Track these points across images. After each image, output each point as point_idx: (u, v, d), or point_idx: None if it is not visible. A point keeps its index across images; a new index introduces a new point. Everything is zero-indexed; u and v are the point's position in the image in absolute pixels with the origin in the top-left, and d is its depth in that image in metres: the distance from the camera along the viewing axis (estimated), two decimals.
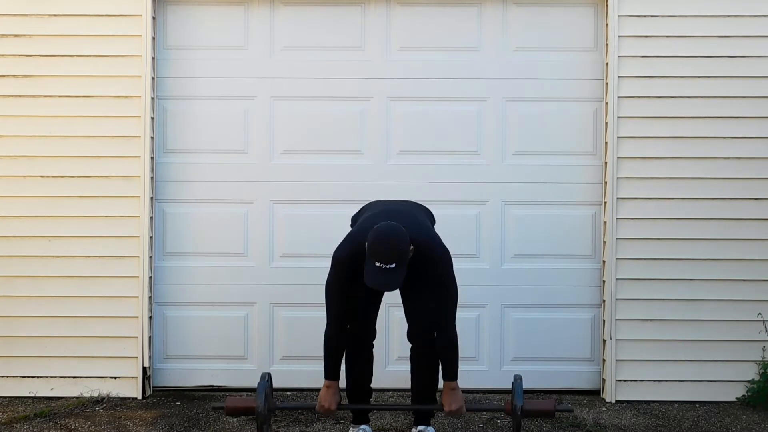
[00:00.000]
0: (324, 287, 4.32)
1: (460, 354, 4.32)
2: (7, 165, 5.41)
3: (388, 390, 5.46)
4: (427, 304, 4.36)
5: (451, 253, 4.33)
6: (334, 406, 4.34)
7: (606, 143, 5.46)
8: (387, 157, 5.56)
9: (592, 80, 5.55)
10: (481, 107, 5.58)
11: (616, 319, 5.43)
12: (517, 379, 4.37)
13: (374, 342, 4.58)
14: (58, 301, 5.41)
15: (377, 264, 4.00)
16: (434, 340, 4.40)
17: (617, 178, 5.41)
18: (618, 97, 5.41)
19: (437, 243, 4.29)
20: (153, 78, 5.46)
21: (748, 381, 5.41)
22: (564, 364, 5.59)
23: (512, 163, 5.57)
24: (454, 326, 4.30)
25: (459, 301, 4.30)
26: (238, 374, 5.57)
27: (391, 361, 5.52)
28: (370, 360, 4.58)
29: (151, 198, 5.47)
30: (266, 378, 4.36)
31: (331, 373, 4.34)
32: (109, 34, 5.40)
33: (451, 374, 4.30)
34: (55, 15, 5.41)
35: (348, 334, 4.39)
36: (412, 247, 4.10)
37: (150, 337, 5.47)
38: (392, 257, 4.00)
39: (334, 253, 4.30)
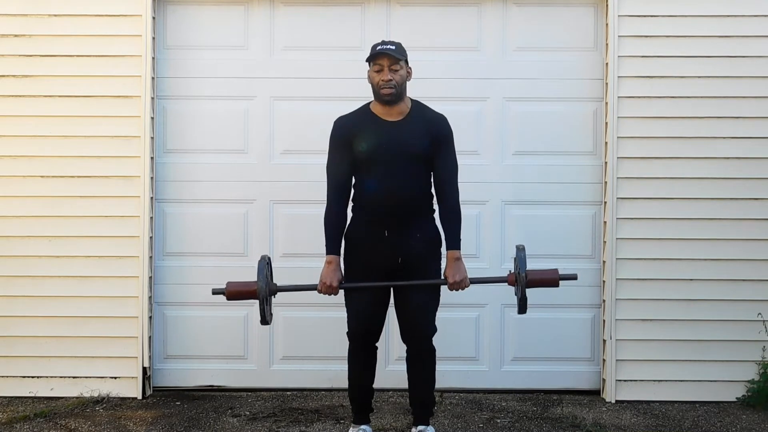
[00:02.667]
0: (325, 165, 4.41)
1: (461, 354, 4.33)
2: (7, 165, 5.41)
3: (388, 390, 5.47)
4: (423, 292, 4.35)
5: None
6: (335, 282, 4.33)
7: (606, 143, 5.47)
8: None
9: (592, 80, 5.55)
10: (481, 107, 5.58)
11: (616, 319, 5.44)
12: (520, 249, 4.35)
13: (376, 344, 4.56)
14: (58, 301, 5.41)
15: (378, 46, 4.31)
16: (429, 340, 4.40)
17: (617, 178, 5.42)
18: (618, 97, 5.41)
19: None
20: (153, 78, 5.46)
21: (748, 381, 5.41)
22: (564, 364, 5.59)
23: (512, 163, 5.57)
24: (457, 194, 4.37)
25: (459, 301, 4.30)
26: (238, 374, 5.57)
27: (391, 361, 5.52)
28: (373, 361, 4.56)
29: (151, 198, 5.47)
30: (266, 260, 4.34)
31: (331, 247, 4.35)
32: (109, 34, 5.40)
33: (455, 242, 4.34)
34: (55, 15, 5.41)
35: (346, 201, 4.40)
36: (411, 69, 4.40)
37: (150, 337, 5.48)
38: (391, 42, 4.35)
39: (335, 120, 4.43)
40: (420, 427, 4.57)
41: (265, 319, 4.34)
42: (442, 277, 4.38)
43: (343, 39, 5.58)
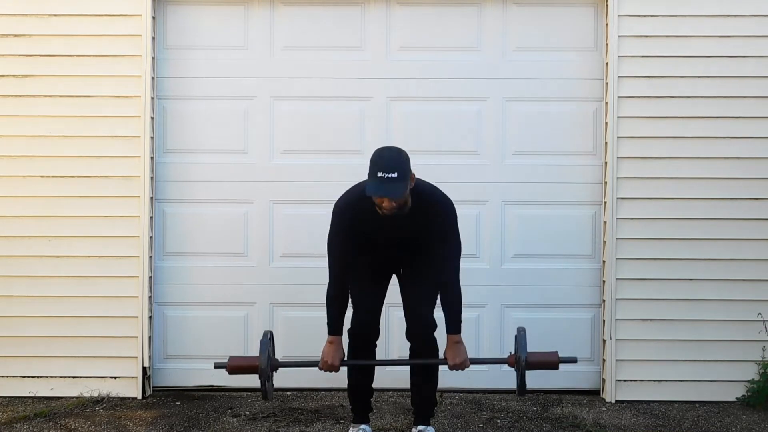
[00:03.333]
0: (326, 242, 4.32)
1: None
2: (7, 165, 5.41)
3: (388, 390, 5.46)
4: (426, 288, 4.36)
5: None
6: (337, 362, 4.33)
7: (606, 143, 5.47)
8: None
9: (592, 80, 5.55)
10: (481, 107, 5.58)
11: (616, 319, 5.43)
12: (521, 331, 4.34)
13: (377, 342, 4.56)
14: (58, 301, 5.41)
15: (379, 174, 4.01)
16: (434, 338, 4.42)
17: (617, 178, 5.41)
18: (618, 97, 5.41)
19: (440, 192, 4.31)
20: (153, 78, 5.46)
21: (748, 381, 5.41)
22: (564, 364, 5.58)
23: (512, 163, 5.57)
24: (458, 279, 4.31)
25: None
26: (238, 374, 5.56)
27: None
28: (373, 359, 4.56)
29: (151, 198, 5.47)
30: (268, 336, 4.35)
31: (333, 328, 4.33)
32: (109, 34, 5.40)
33: (455, 327, 4.30)
34: (55, 15, 5.41)
35: (348, 284, 4.35)
36: (414, 173, 4.11)
37: (150, 337, 5.47)
38: (394, 167, 4.01)
39: (335, 203, 4.32)
40: (420, 427, 4.57)
41: (266, 395, 4.34)
42: (442, 357, 4.38)
43: (343, 39, 5.58)
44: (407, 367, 4.61)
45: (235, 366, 4.39)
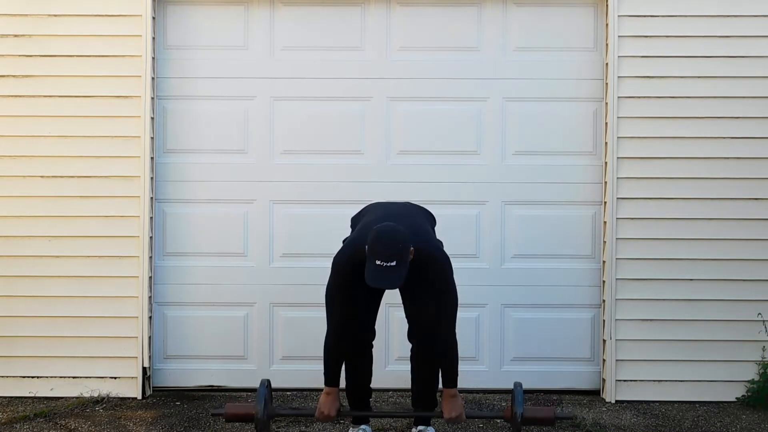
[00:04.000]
0: (324, 293, 4.29)
1: (461, 354, 4.32)
2: (7, 165, 5.41)
3: (388, 390, 5.46)
4: (428, 304, 4.35)
5: (450, 253, 4.33)
6: (333, 413, 4.33)
7: (606, 143, 5.47)
8: (387, 157, 5.56)
9: (592, 80, 5.55)
10: (481, 107, 5.58)
11: (616, 319, 5.43)
12: (518, 386, 4.34)
13: (374, 342, 4.57)
14: (58, 301, 5.41)
15: (378, 263, 3.98)
16: (435, 339, 4.40)
17: (617, 178, 5.41)
18: (618, 97, 5.41)
19: (436, 249, 4.27)
20: (153, 78, 5.46)
21: (748, 381, 5.41)
22: (564, 364, 5.59)
23: (512, 163, 5.57)
24: (454, 333, 4.28)
25: (459, 301, 4.29)
26: (238, 374, 5.57)
27: (391, 361, 5.52)
28: (370, 360, 4.57)
29: (151, 198, 5.47)
30: (266, 384, 4.36)
31: (331, 380, 4.32)
32: (109, 34, 5.40)
33: (451, 381, 4.29)
34: (55, 15, 5.41)
35: (348, 337, 4.36)
36: (412, 248, 4.09)
37: (150, 337, 5.47)
38: (392, 255, 3.98)
39: (334, 258, 4.29)
40: (420, 427, 4.57)
41: None
42: (439, 411, 4.39)
43: (343, 39, 5.58)
44: (407, 367, 4.62)
45: (233, 414, 4.40)
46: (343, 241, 4.39)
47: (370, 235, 4.05)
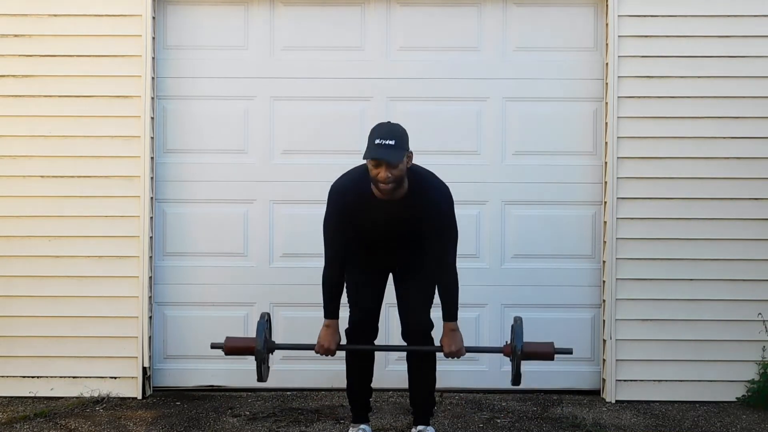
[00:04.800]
0: (322, 226, 4.32)
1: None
2: (7, 165, 5.41)
3: (388, 390, 5.46)
4: (421, 288, 4.37)
5: None
6: (333, 345, 4.33)
7: (606, 143, 5.47)
8: None
9: (592, 80, 5.55)
10: (481, 107, 5.58)
11: (616, 319, 5.43)
12: (517, 320, 4.33)
13: (375, 341, 4.57)
14: (58, 301, 5.41)
15: (377, 141, 4.06)
16: (429, 337, 4.42)
17: (617, 178, 5.41)
18: (618, 97, 5.41)
19: (437, 178, 4.33)
20: (153, 78, 5.46)
21: (748, 381, 5.41)
22: (564, 364, 5.58)
23: (512, 163, 5.57)
24: (455, 267, 4.31)
25: (459, 301, 4.30)
26: (238, 374, 5.56)
27: (391, 361, 5.52)
28: (371, 360, 4.57)
29: (151, 198, 5.47)
30: (265, 318, 4.34)
31: (330, 312, 4.33)
32: (109, 34, 5.40)
33: (451, 315, 4.30)
34: (55, 15, 5.41)
35: (342, 280, 4.35)
36: (411, 152, 4.17)
37: (150, 337, 5.47)
38: (391, 135, 4.09)
39: (331, 185, 4.31)
40: (420, 427, 4.57)
41: (262, 377, 4.35)
42: (438, 344, 4.38)
43: (343, 39, 5.58)
44: (407, 367, 4.60)
45: (232, 347, 4.38)
46: None
47: (372, 128, 4.18)
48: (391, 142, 4.06)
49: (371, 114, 5.55)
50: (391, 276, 4.53)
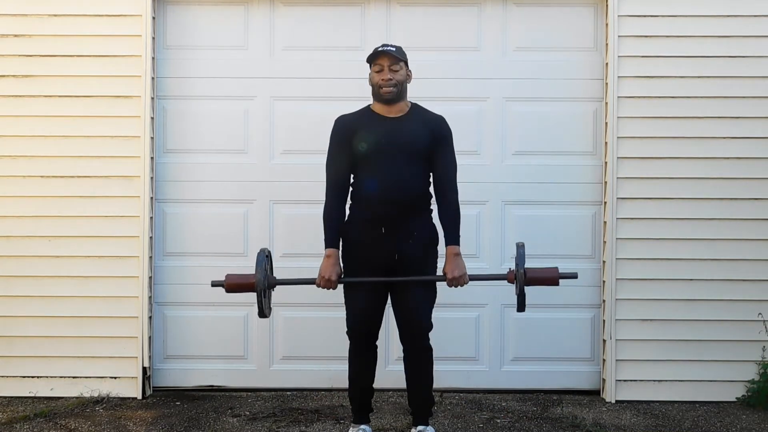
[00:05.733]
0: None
1: (460, 354, 4.33)
2: (7, 165, 5.41)
3: (388, 390, 5.47)
4: (419, 291, 4.35)
5: None
6: (334, 276, 4.34)
7: (606, 143, 5.47)
8: None
9: (592, 80, 5.55)
10: (481, 107, 5.58)
11: (616, 319, 5.44)
12: (520, 246, 4.33)
13: (376, 343, 4.56)
14: (58, 301, 5.41)
15: (380, 48, 4.35)
16: (427, 339, 4.41)
17: (617, 178, 5.42)
18: (618, 97, 5.41)
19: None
20: (153, 78, 5.46)
21: (748, 381, 5.41)
22: (564, 364, 5.59)
23: (512, 163, 5.57)
24: (456, 188, 4.39)
25: (459, 301, 4.31)
26: (238, 374, 5.57)
27: (391, 361, 5.52)
28: (373, 361, 4.56)
29: (151, 198, 5.47)
30: (266, 253, 4.34)
31: (330, 241, 4.36)
32: (109, 34, 5.40)
33: (454, 238, 4.34)
34: (55, 15, 5.41)
35: (344, 195, 4.43)
36: (411, 72, 4.45)
37: (150, 337, 5.47)
38: (393, 45, 4.39)
39: (336, 118, 4.47)
40: (420, 427, 4.56)
41: (263, 312, 4.34)
42: (441, 273, 4.38)
43: (343, 39, 5.58)
44: (404, 368, 4.58)
45: (233, 284, 4.37)
46: None
47: None
48: (392, 48, 4.34)
49: None
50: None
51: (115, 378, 5.44)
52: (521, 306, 4.29)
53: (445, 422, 4.97)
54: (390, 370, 5.47)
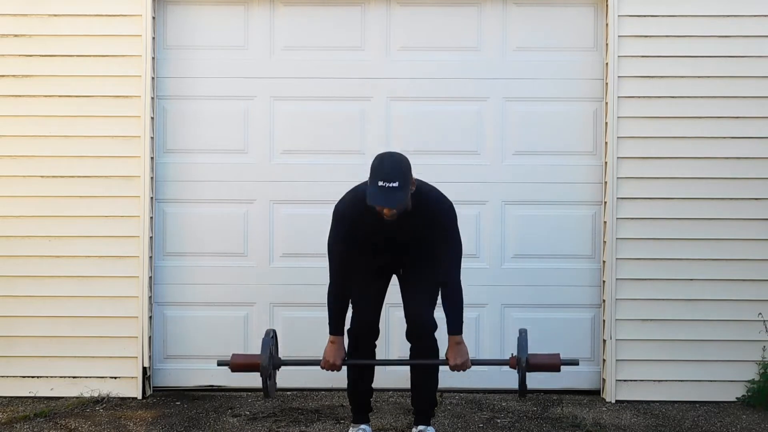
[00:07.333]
0: (326, 244, 4.33)
1: None
2: (7, 165, 5.41)
3: (388, 390, 5.47)
4: (427, 289, 4.37)
5: None
6: (339, 361, 4.34)
7: (606, 143, 5.47)
8: None
9: (592, 80, 5.55)
10: (481, 107, 5.58)
11: (616, 319, 5.43)
12: (522, 333, 4.33)
13: (376, 342, 4.57)
14: (59, 301, 5.41)
15: (380, 183, 3.99)
16: (434, 338, 4.41)
17: (617, 178, 5.42)
18: (618, 97, 5.41)
19: (440, 193, 4.30)
20: (153, 78, 5.46)
21: (748, 381, 5.41)
22: (565, 366, 5.58)
23: (512, 163, 5.57)
24: (459, 280, 4.31)
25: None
26: (238, 374, 5.55)
27: None
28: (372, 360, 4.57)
29: (151, 198, 5.47)
30: (270, 334, 4.35)
31: (335, 328, 4.34)
32: (109, 34, 5.40)
33: (457, 328, 4.30)
34: (55, 15, 5.41)
35: (348, 287, 4.35)
36: (414, 179, 4.12)
37: (150, 337, 5.47)
38: (395, 175, 3.99)
39: (335, 206, 4.32)
40: (420, 427, 4.57)
41: (268, 393, 4.36)
42: (443, 357, 4.38)
43: (343, 39, 5.58)
44: (407, 367, 4.61)
45: (238, 363, 4.41)
46: None
47: (373, 160, 4.10)
48: (395, 185, 3.99)
49: (371, 114, 5.56)
50: (395, 276, 4.54)
51: (115, 378, 5.44)
52: (523, 393, 4.33)
53: (445, 422, 4.97)
54: (390, 370, 5.46)
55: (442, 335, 4.37)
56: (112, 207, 5.41)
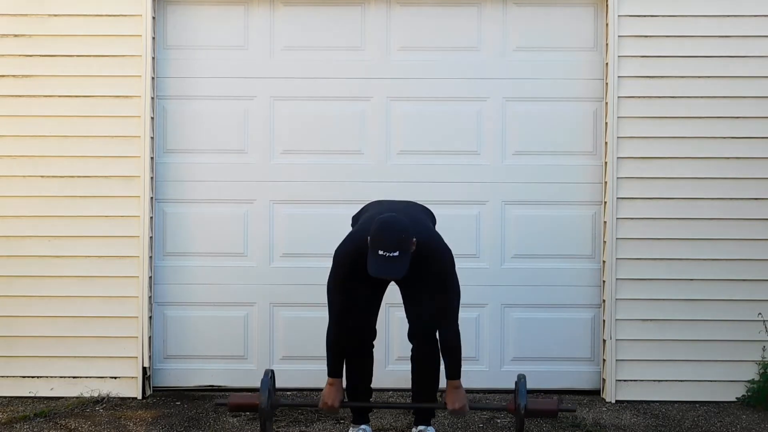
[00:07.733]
0: (326, 287, 4.32)
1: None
2: (7, 165, 5.41)
3: (388, 390, 5.46)
4: (429, 303, 4.36)
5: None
6: (337, 403, 4.34)
7: (606, 143, 5.47)
8: (387, 157, 5.56)
9: (592, 80, 5.55)
10: (481, 107, 5.58)
11: (616, 319, 5.43)
12: (521, 378, 4.37)
13: (374, 342, 4.57)
14: (58, 301, 5.41)
15: (380, 253, 4.01)
16: (435, 339, 4.41)
17: (617, 178, 5.41)
18: (618, 97, 5.41)
19: (438, 242, 4.30)
20: (153, 78, 5.46)
21: (748, 381, 5.41)
22: (564, 364, 5.59)
23: (512, 163, 5.57)
24: (457, 325, 4.31)
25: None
26: (238, 374, 5.57)
27: (391, 361, 5.52)
28: (371, 360, 4.58)
29: (151, 198, 5.47)
30: (269, 375, 4.36)
31: (334, 371, 4.35)
32: (109, 34, 5.40)
33: (454, 373, 4.30)
34: (55, 15, 5.41)
35: (350, 332, 4.37)
36: (414, 239, 4.11)
37: (150, 337, 5.47)
38: (395, 245, 4.01)
39: (336, 251, 4.32)
40: (420, 427, 4.57)
41: None
42: (442, 402, 4.39)
43: (343, 39, 5.58)
44: (407, 367, 4.61)
45: (236, 404, 4.43)
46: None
47: (373, 225, 4.08)
48: (395, 254, 4.01)
49: (371, 114, 5.56)
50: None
51: (115, 378, 5.44)
52: None
53: (445, 422, 4.97)
54: (390, 370, 5.47)
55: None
56: (112, 207, 5.40)
